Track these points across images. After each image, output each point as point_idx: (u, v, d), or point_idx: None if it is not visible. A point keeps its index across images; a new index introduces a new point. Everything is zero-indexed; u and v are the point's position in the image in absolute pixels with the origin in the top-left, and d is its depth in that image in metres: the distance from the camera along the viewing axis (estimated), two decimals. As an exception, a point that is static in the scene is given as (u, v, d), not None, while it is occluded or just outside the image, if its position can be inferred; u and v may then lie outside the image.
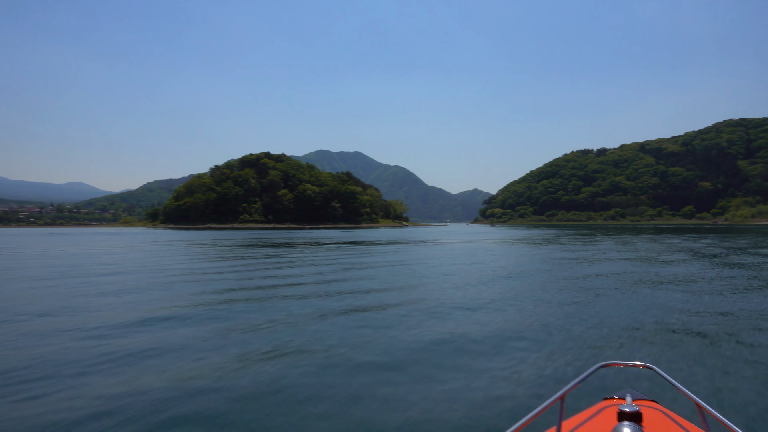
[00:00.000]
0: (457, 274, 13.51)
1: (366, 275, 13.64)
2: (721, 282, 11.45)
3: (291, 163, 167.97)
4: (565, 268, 15.26)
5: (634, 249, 24.40)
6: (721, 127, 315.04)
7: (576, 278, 12.56)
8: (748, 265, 15.30)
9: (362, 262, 18.01)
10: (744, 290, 10.14)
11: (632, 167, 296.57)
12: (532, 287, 10.94)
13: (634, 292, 9.88)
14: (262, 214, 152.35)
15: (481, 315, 7.85)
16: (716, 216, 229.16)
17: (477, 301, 9.12)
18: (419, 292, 10.58)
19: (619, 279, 12.22)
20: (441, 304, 8.81)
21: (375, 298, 9.68)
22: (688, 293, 9.75)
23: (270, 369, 5.03)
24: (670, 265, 15.64)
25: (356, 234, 59.58)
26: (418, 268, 15.81)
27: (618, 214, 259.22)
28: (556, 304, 8.69)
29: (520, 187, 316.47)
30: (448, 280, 12.38)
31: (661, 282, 11.57)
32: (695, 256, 19.22)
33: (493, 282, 12.04)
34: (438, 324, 7.17)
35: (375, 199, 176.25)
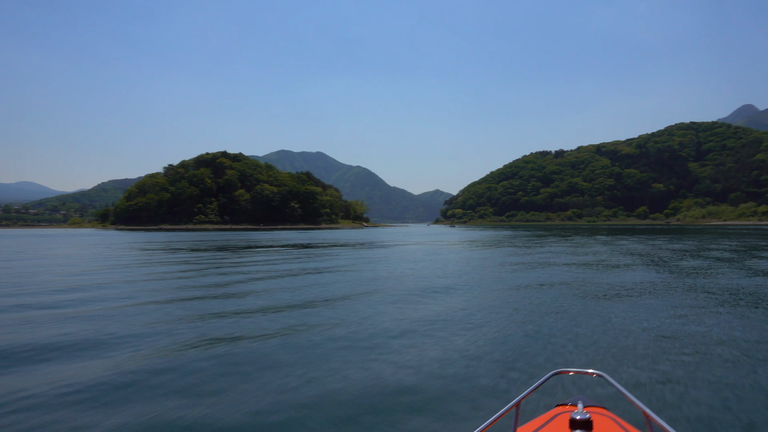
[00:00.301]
0: (386, 291, 11.68)
1: (278, 287, 11.76)
2: (671, 291, 10.65)
3: (248, 162, 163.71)
4: (512, 275, 13.78)
5: (585, 252, 23.26)
6: (673, 130, 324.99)
7: (522, 287, 11.44)
8: (693, 271, 14.28)
9: (286, 269, 16.12)
10: (691, 298, 9.67)
11: (589, 168, 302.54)
12: (470, 305, 9.23)
13: (584, 305, 8.98)
14: (219, 215, 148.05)
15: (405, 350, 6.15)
16: (669, 216, 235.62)
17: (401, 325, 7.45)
18: (338, 310, 8.85)
19: (570, 289, 10.92)
20: (356, 331, 7.13)
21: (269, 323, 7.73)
22: (635, 303, 9.09)
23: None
24: (620, 271, 14.38)
25: (310, 235, 57.46)
26: (349, 276, 14.02)
27: (575, 215, 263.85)
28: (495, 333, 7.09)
29: (481, 188, 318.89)
30: (378, 294, 10.69)
31: (610, 291, 10.70)
32: (646, 261, 18.07)
33: (429, 295, 10.43)
34: (352, 356, 5.77)
35: (335, 199, 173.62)
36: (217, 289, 11.54)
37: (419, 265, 17.42)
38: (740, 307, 8.64)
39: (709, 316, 7.82)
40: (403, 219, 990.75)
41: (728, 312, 8.13)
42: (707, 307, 8.53)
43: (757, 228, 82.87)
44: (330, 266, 17.12)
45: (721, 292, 10.22)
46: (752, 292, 10.20)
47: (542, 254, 21.68)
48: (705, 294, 10.04)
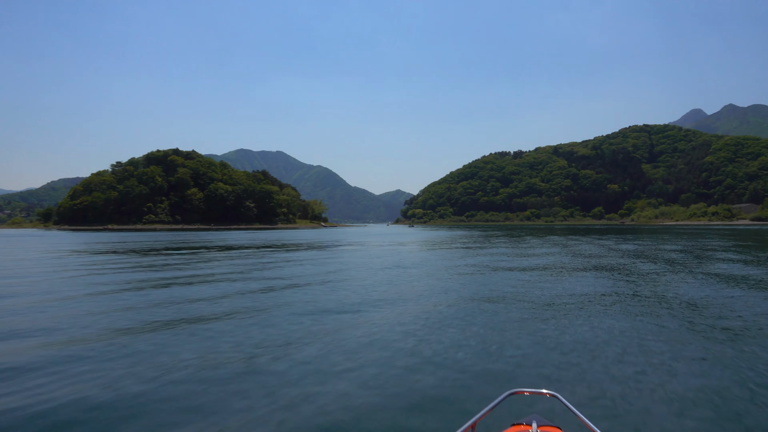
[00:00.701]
0: (305, 304, 9.44)
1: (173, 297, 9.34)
2: (619, 301, 9.68)
3: (202, 160, 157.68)
4: (460, 284, 11.80)
5: (534, 254, 21.58)
6: (627, 132, 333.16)
7: (469, 298, 9.73)
8: (641, 277, 13.46)
9: (191, 276, 13.64)
10: (638, 306, 9.07)
11: (546, 169, 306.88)
12: (413, 320, 7.80)
13: (531, 320, 7.96)
14: (170, 215, 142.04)
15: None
16: (623, 216, 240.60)
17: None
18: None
19: (516, 302, 9.35)
20: (277, 356, 5.88)
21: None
22: (581, 316, 8.25)
23: None
24: (568, 278, 12.66)
25: (263, 236, 54.48)
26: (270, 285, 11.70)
27: (534, 215, 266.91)
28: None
29: (441, 188, 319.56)
30: (303, 308, 8.81)
31: (557, 301, 9.53)
32: (596, 265, 16.45)
33: (363, 311, 8.54)
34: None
35: (292, 198, 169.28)
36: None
37: (356, 273, 15.23)
38: (687, 318, 7.98)
39: (653, 327, 7.35)
40: (365, 219, 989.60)
41: (674, 325, 7.52)
42: (653, 316, 8.10)
43: (707, 228, 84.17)
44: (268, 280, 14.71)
45: (667, 301, 9.57)
46: (699, 303, 9.35)
47: (491, 257, 19.93)
48: (651, 302, 9.43)
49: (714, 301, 9.44)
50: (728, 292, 10.47)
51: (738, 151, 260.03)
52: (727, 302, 9.27)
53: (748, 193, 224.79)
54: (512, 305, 8.91)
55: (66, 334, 6.92)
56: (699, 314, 8.19)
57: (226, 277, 13.63)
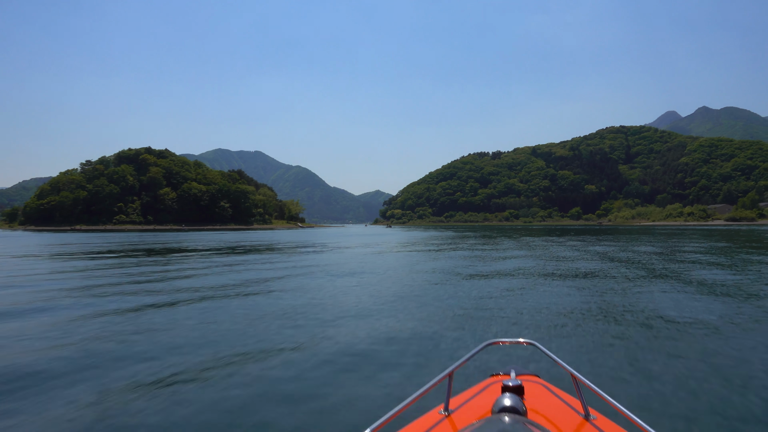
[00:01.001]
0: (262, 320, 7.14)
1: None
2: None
3: (175, 159, 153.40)
4: (424, 301, 9.62)
5: (501, 257, 19.56)
6: (604, 134, 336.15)
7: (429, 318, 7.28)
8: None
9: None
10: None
11: (525, 170, 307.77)
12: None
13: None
14: (141, 215, 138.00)
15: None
16: (601, 217, 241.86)
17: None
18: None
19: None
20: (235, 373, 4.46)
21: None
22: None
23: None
24: (540, 286, 10.59)
25: (229, 237, 51.77)
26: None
27: (512, 215, 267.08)
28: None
29: (420, 189, 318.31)
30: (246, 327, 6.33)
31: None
32: (570, 276, 14.49)
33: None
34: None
35: (268, 198, 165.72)
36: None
37: (298, 282, 12.97)
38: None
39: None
40: (344, 219, 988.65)
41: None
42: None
43: (684, 228, 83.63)
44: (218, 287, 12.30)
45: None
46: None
47: (457, 260, 17.87)
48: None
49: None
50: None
51: (712, 152, 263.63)
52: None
53: (722, 193, 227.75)
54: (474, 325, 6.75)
55: None
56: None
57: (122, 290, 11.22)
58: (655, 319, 6.66)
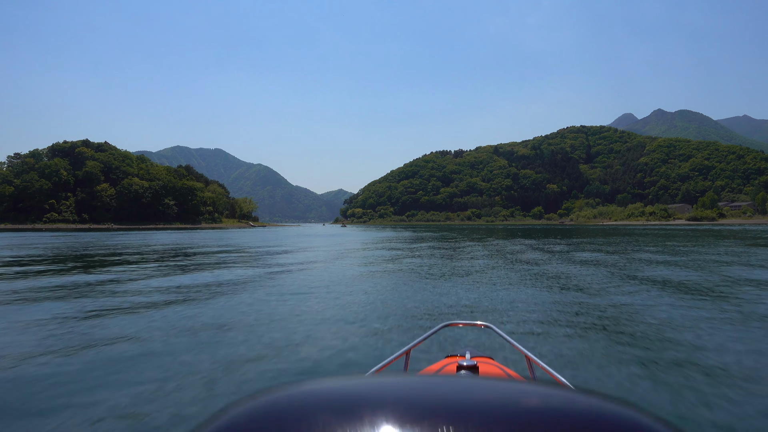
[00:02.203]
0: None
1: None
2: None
3: (116, 153, 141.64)
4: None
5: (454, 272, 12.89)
6: (565, 133, 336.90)
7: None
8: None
9: None
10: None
11: (487, 169, 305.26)
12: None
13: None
14: (75, 213, 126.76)
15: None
16: (563, 216, 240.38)
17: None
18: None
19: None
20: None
21: None
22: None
23: None
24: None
25: (155, 238, 43.77)
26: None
27: (474, 215, 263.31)
28: None
29: (381, 187, 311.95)
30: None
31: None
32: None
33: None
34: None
35: (218, 196, 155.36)
36: None
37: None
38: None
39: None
40: (306, 218, 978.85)
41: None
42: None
43: (648, 228, 79.54)
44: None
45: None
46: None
47: (394, 275, 11.16)
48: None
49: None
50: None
51: (670, 152, 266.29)
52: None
53: (680, 193, 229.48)
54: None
55: None
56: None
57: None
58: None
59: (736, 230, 59.06)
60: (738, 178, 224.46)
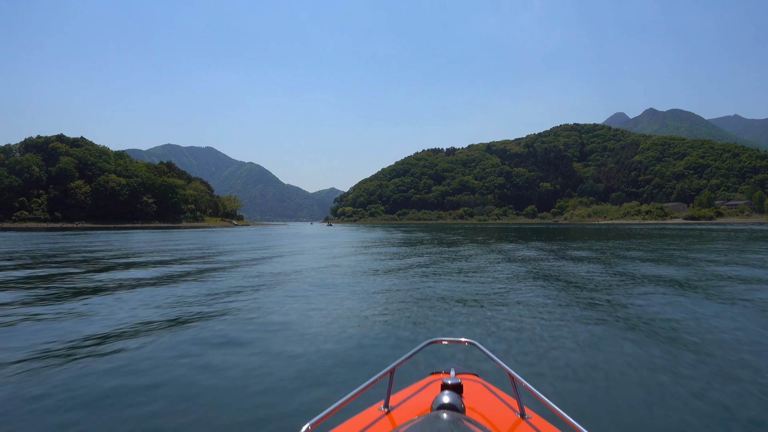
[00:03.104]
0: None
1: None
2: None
3: (92, 149, 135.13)
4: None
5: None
6: (558, 131, 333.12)
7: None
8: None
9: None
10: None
11: (480, 167, 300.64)
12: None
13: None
14: (48, 211, 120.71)
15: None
16: (556, 215, 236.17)
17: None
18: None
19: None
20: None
21: None
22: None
23: None
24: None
25: (118, 239, 38.59)
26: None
27: (467, 213, 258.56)
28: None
29: (372, 185, 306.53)
30: None
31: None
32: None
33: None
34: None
35: (200, 194, 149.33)
36: None
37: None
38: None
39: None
40: (297, 217, 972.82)
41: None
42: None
43: (648, 228, 75.07)
44: None
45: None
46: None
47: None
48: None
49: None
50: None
51: (665, 150, 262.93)
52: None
53: (675, 192, 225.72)
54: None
55: None
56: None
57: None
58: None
59: (742, 230, 54.60)
60: (733, 177, 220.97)
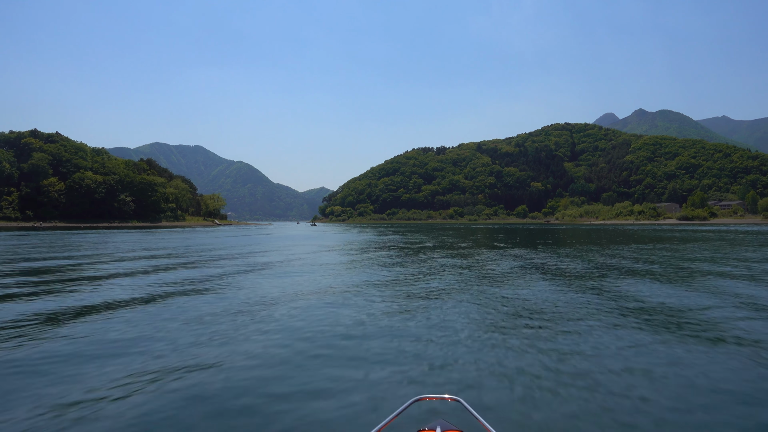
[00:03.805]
0: None
1: None
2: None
3: (68, 145, 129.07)
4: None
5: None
6: (549, 130, 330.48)
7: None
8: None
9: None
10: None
11: (470, 166, 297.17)
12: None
13: None
14: (19, 209, 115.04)
15: None
16: (547, 215, 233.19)
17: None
18: None
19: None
20: None
21: None
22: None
23: None
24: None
25: (83, 240, 34.06)
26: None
27: (457, 213, 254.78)
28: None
29: (361, 184, 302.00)
30: None
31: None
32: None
33: None
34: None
35: (182, 192, 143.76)
36: None
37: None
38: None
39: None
40: (287, 216, 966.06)
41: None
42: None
43: (639, 229, 71.41)
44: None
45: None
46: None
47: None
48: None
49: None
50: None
51: (656, 150, 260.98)
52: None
53: (667, 192, 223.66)
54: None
55: None
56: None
57: None
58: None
59: (745, 231, 51.12)
60: (725, 177, 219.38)
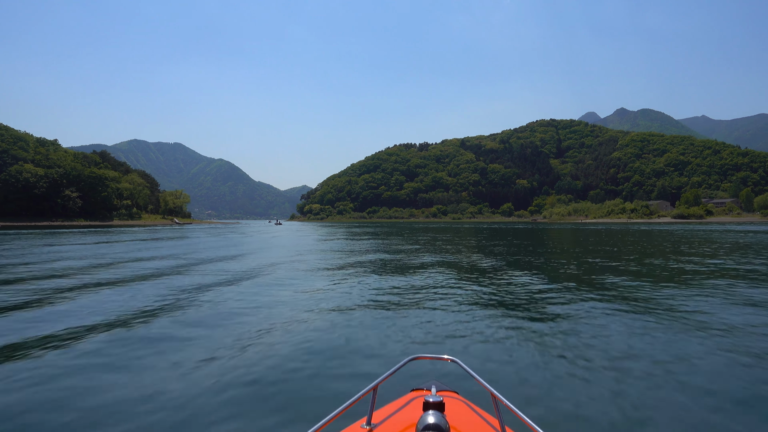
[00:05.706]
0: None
1: None
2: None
3: (7, 134, 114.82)
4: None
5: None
6: (535, 127, 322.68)
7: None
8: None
9: None
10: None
11: (454, 163, 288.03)
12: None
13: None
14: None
15: None
16: (534, 214, 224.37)
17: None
18: None
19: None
20: None
21: None
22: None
23: None
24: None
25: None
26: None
27: (440, 211, 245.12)
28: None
29: (341, 182, 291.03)
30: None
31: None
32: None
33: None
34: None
35: (138, 187, 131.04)
36: None
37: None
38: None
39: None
40: (268, 215, 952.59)
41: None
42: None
43: (637, 229, 62.27)
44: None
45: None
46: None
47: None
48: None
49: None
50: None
51: (644, 147, 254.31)
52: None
53: (656, 189, 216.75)
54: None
55: None
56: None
57: None
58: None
59: (757, 231, 42.65)
60: (714, 174, 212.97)
